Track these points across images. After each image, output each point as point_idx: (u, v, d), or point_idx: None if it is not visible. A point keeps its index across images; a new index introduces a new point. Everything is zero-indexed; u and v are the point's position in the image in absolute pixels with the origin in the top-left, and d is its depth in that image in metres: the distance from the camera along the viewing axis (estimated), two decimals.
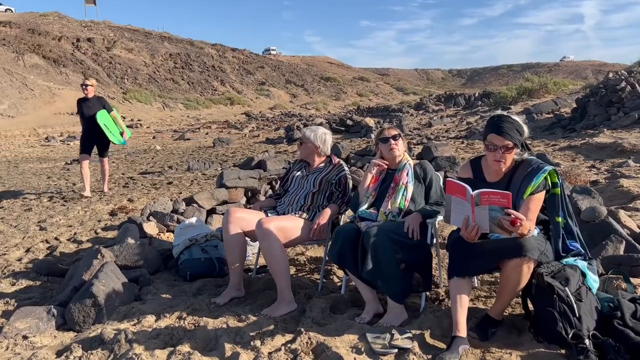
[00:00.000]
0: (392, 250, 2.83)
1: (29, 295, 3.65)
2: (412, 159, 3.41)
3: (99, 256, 3.51)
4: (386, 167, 3.28)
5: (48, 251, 4.81)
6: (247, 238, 3.41)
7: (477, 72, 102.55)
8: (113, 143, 7.73)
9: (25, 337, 2.89)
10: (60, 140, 20.91)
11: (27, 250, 4.83)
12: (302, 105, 49.55)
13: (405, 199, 3.14)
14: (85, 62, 40.58)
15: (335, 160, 3.69)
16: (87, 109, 7.48)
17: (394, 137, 3.27)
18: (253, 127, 25.55)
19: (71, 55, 40.58)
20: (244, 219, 3.36)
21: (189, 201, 4.93)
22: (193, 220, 4.12)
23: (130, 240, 3.95)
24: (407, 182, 3.18)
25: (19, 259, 4.56)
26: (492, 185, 2.70)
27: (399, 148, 3.26)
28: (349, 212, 3.74)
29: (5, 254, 4.67)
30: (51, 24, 45.73)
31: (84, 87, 7.51)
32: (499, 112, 2.83)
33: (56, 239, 5.21)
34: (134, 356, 2.51)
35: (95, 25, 49.83)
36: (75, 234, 5.38)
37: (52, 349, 2.77)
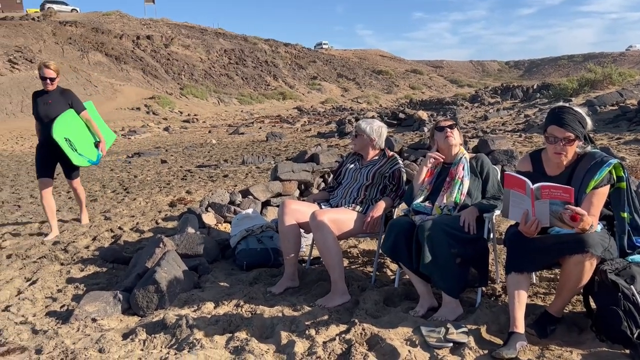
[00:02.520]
0: (447, 245, 2.81)
1: (97, 280, 3.86)
2: (468, 152, 3.36)
3: (161, 245, 3.66)
4: (442, 160, 3.24)
5: (112, 240, 5.05)
6: (301, 230, 3.47)
7: (535, 64, 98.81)
8: (77, 165, 5.24)
9: (94, 320, 3.06)
10: (122, 135, 21.81)
11: (94, 239, 5.09)
12: (353, 99, 49.42)
13: (461, 193, 3.10)
14: (145, 59, 42.07)
15: (389, 153, 3.68)
16: (45, 108, 5.04)
17: (450, 127, 3.23)
18: (305, 122, 25.74)
19: (131, 52, 42.18)
20: (299, 210, 3.42)
21: (245, 193, 5.06)
22: (249, 211, 4.23)
23: (190, 230, 4.10)
24: (463, 176, 3.14)
25: (87, 247, 4.82)
26: (552, 179, 2.62)
27: (455, 137, 3.22)
28: (402, 206, 3.73)
29: (74, 242, 4.95)
30: (113, 22, 47.67)
31: (42, 75, 4.99)
32: (560, 103, 2.74)
33: (120, 228, 5.46)
34: (194, 341, 2.61)
35: (154, 23, 51.55)
36: (137, 223, 5.63)
37: (118, 331, 2.92)
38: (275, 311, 2.97)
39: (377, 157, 3.64)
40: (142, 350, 2.66)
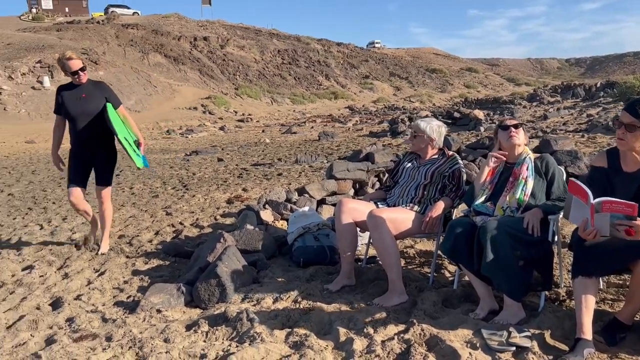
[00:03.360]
0: (510, 246, 2.74)
1: (160, 273, 4.02)
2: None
3: (221, 240, 3.77)
4: (505, 159, 3.17)
5: (174, 234, 5.24)
6: (357, 228, 3.48)
7: (599, 61, 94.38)
8: (137, 167, 4.62)
9: (159, 311, 3.19)
10: (180, 133, 22.53)
11: (156, 233, 5.30)
12: (405, 98, 48.89)
13: (524, 194, 3.01)
14: (202, 60, 43.24)
15: (449, 152, 3.63)
16: (78, 104, 4.31)
17: (515, 126, 3.15)
18: (356, 121, 25.71)
19: (189, 53, 43.46)
20: (356, 209, 3.43)
21: (301, 191, 5.12)
22: (306, 209, 4.28)
23: (249, 226, 4.20)
24: (527, 177, 3.05)
25: (150, 241, 5.02)
26: (629, 175, 2.53)
27: (519, 137, 3.14)
28: (462, 206, 3.67)
29: (138, 236, 5.17)
30: (172, 24, 49.28)
31: (69, 69, 4.23)
32: None
33: (181, 223, 5.65)
34: (255, 334, 2.68)
35: (210, 25, 52.91)
36: (197, 219, 5.81)
37: (182, 323, 3.03)
38: (332, 308, 3.00)
39: (436, 156, 3.60)
40: (204, 341, 2.75)
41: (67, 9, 57.38)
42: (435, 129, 3.56)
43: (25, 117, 26.66)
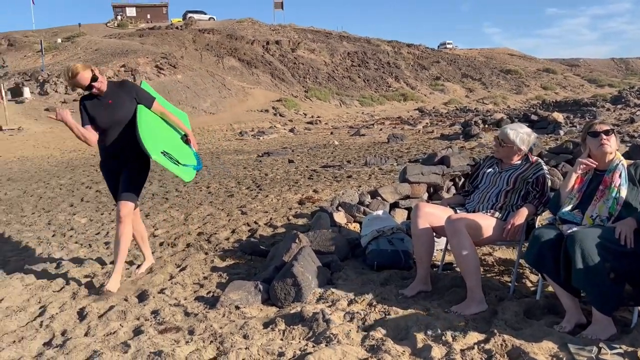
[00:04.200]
0: (601, 258, 2.59)
1: (237, 271, 4.14)
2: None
3: (296, 240, 3.83)
4: (594, 166, 3.00)
5: (249, 233, 5.38)
6: (434, 233, 3.42)
7: None
8: (184, 181, 4.29)
9: (237, 307, 3.29)
10: (252, 135, 23.13)
11: (233, 231, 5.47)
12: (478, 100, 47.50)
13: (617, 203, 2.84)
14: (273, 63, 44.18)
15: (533, 158, 3.48)
16: (107, 113, 3.75)
17: (606, 132, 2.95)
18: (427, 123, 25.28)
19: (261, 57, 44.54)
20: (433, 214, 3.37)
21: (374, 194, 5.10)
22: (380, 212, 4.27)
23: (323, 228, 4.23)
24: (619, 185, 2.87)
25: (227, 239, 5.19)
26: None
27: (611, 145, 2.94)
28: (545, 214, 3.51)
29: (216, 233, 5.36)
30: (245, 29, 50.72)
31: (82, 84, 3.68)
32: None
33: (255, 222, 5.80)
34: (331, 335, 2.70)
35: (282, 29, 53.94)
36: (270, 219, 5.94)
37: (259, 320, 3.11)
38: (408, 313, 2.96)
39: (519, 162, 3.47)
40: (282, 340, 2.81)
41: (148, 16, 60.59)
42: (525, 138, 3.40)
43: None
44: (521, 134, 3.40)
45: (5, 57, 37.56)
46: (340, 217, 4.66)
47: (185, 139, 4.02)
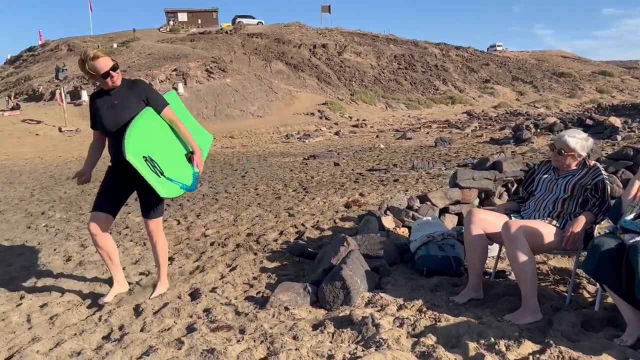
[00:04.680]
0: None
1: (286, 272, 4.18)
2: None
3: (345, 244, 3.84)
4: None
5: (297, 235, 5.43)
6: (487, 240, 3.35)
7: None
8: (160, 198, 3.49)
9: (286, 308, 3.32)
10: (298, 138, 23.31)
11: (281, 233, 5.53)
12: (529, 104, 46.17)
13: None
14: (320, 67, 44.41)
15: (591, 162, 3.36)
16: (111, 113, 3.44)
17: None
18: (475, 127, 24.77)
19: (308, 60, 44.87)
20: (487, 220, 3.31)
21: (423, 199, 5.05)
22: (430, 217, 4.21)
23: (371, 232, 4.22)
24: None
25: (275, 240, 5.25)
26: None
27: None
28: (605, 222, 3.38)
29: (264, 235, 5.43)
30: (293, 33, 51.25)
31: (98, 71, 3.35)
32: None
33: (302, 225, 5.85)
34: (381, 340, 2.69)
35: (329, 32, 54.18)
36: (317, 221, 5.97)
37: (308, 322, 3.13)
38: (460, 321, 2.91)
39: (576, 167, 3.35)
40: (331, 342, 2.81)
41: (199, 21, 62.19)
42: (584, 144, 3.26)
43: None
44: (580, 140, 3.28)
45: (65, 61, 39.38)
46: (388, 221, 4.63)
47: (190, 157, 3.59)
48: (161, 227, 3.70)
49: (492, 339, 2.65)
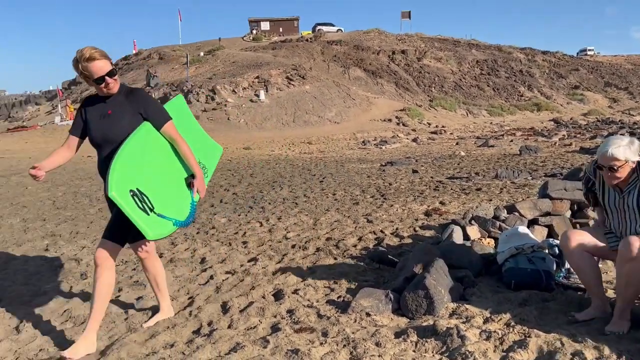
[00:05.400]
0: None
1: (366, 278, 4.18)
2: None
3: (428, 252, 3.78)
4: None
5: (375, 241, 5.41)
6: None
7: None
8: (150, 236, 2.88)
9: (368, 314, 3.32)
10: (374, 144, 23.24)
11: (360, 239, 5.54)
12: (624, 111, 43.13)
13: None
14: (398, 73, 44.07)
15: None
16: (102, 125, 3.02)
17: None
18: (563, 135, 23.46)
19: (387, 67, 44.67)
20: (585, 239, 3.13)
21: (510, 209, 4.86)
22: (519, 228, 4.05)
23: (455, 241, 4.13)
24: None
25: (354, 245, 5.27)
26: None
27: None
28: None
29: (343, 240, 5.47)
30: (372, 39, 51.24)
31: (93, 74, 2.90)
32: None
33: (382, 231, 5.82)
34: (467, 353, 2.62)
35: (408, 38, 53.64)
36: (397, 229, 5.92)
37: (390, 329, 3.11)
38: (552, 338, 2.77)
39: (635, 175, 2.96)
40: (414, 351, 2.78)
41: (281, 29, 63.83)
42: (634, 148, 2.89)
43: (244, 126, 30.28)
44: (626, 147, 2.87)
45: (156, 69, 41.84)
46: (473, 231, 4.50)
47: (190, 182, 3.14)
48: (154, 250, 3.26)
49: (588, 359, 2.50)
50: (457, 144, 22.42)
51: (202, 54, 47.54)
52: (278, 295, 3.79)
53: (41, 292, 4.16)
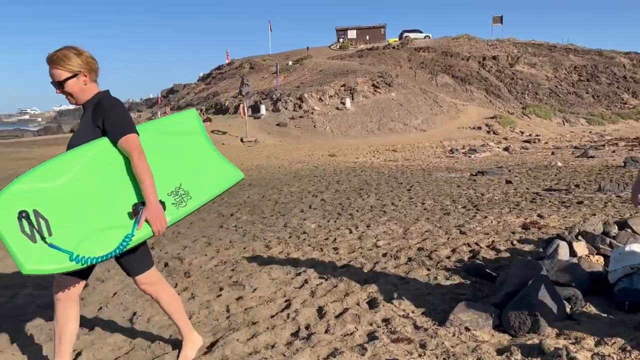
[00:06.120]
0: None
1: (462, 291, 4.07)
2: None
3: (531, 267, 3.61)
4: None
5: (470, 254, 5.25)
6: None
7: None
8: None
9: (467, 329, 3.23)
10: (463, 153, 22.58)
11: (453, 251, 5.40)
12: None
13: None
14: (489, 79, 42.60)
15: None
16: (71, 141, 2.61)
17: None
18: None
19: (476, 73, 43.33)
20: None
21: (622, 225, 4.53)
22: (634, 246, 3.76)
23: (560, 257, 3.91)
24: None
25: (448, 257, 5.15)
26: None
27: None
28: None
29: (436, 251, 5.36)
30: (461, 45, 49.94)
31: (50, 69, 2.53)
32: None
33: (476, 244, 5.64)
34: None
35: (500, 44, 51.70)
36: (493, 242, 5.71)
37: (492, 345, 3.01)
38: None
39: None
40: None
41: (367, 37, 64.00)
42: None
43: (329, 134, 30.64)
44: None
45: (247, 78, 43.54)
46: (580, 247, 4.24)
47: (138, 210, 2.51)
48: (157, 279, 2.80)
49: None
50: (552, 153, 21.23)
51: (290, 63, 48.78)
52: (372, 304, 3.79)
53: None
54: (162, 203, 2.57)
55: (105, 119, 2.54)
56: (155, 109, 52.24)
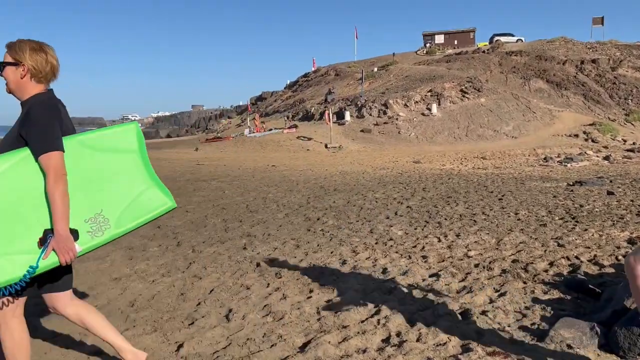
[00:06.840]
0: None
1: (562, 307, 3.85)
2: None
3: None
4: None
5: (570, 268, 4.96)
6: None
7: None
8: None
9: (569, 347, 3.06)
10: (558, 161, 21.34)
11: (551, 264, 5.12)
12: None
13: None
14: (587, 84, 40.01)
15: None
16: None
17: None
18: None
19: (573, 77, 40.86)
20: None
21: None
22: None
23: None
24: None
25: (545, 270, 4.89)
26: None
27: None
28: None
29: (532, 263, 5.11)
30: (557, 49, 47.34)
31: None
32: None
33: (577, 257, 5.31)
34: None
35: (600, 46, 48.40)
36: (595, 256, 5.35)
37: None
38: None
39: None
40: None
41: (455, 42, 62.45)
42: None
43: (414, 140, 30.23)
44: None
45: (333, 85, 44.02)
46: None
47: (47, 238, 2.26)
48: (66, 301, 2.55)
49: None
50: None
51: (375, 69, 48.75)
52: (465, 315, 3.68)
53: (245, 286, 4.64)
54: (75, 232, 2.32)
55: (29, 130, 2.31)
56: (244, 116, 54.29)
